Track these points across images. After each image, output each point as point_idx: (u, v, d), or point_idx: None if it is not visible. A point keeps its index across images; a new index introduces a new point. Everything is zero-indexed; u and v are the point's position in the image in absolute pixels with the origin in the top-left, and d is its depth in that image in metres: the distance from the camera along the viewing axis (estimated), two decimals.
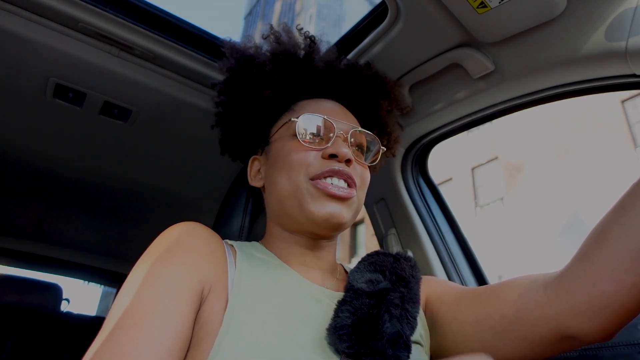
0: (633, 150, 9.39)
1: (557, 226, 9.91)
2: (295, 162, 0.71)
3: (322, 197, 0.69)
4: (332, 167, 0.69)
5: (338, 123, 0.75)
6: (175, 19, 1.10)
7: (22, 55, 1.08)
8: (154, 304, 0.52)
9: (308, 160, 0.71)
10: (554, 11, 0.80)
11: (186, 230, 0.64)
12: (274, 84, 0.84)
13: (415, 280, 0.72)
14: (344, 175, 0.70)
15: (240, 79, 0.87)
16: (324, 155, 0.71)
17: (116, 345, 0.48)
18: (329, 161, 0.71)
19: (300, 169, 0.71)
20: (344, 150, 0.70)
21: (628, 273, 0.51)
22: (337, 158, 0.71)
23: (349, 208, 0.71)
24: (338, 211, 0.69)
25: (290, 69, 0.85)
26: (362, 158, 0.78)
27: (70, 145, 1.48)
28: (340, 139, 0.73)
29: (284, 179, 0.72)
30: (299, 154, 0.72)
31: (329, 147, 0.72)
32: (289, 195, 0.71)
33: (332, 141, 0.72)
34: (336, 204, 0.69)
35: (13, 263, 2.45)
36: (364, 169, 0.77)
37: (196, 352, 0.53)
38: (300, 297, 0.64)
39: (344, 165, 0.71)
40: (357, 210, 0.75)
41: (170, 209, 1.93)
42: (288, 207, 0.72)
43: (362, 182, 0.75)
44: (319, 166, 0.70)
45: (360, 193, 0.75)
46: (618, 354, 0.76)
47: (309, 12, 45.73)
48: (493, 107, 1.06)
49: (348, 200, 0.70)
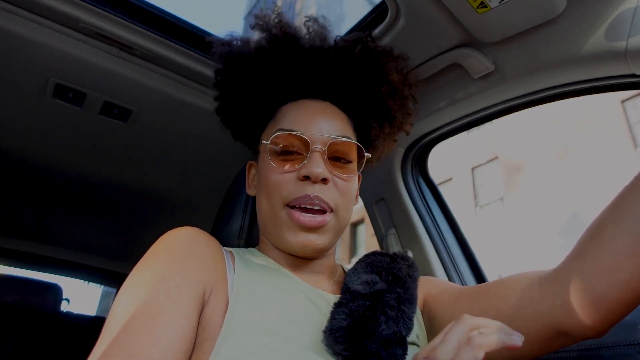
0: (633, 150, 9.39)
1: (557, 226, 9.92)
2: (272, 186, 0.70)
3: (295, 227, 0.68)
4: (306, 192, 0.67)
5: (315, 136, 0.71)
6: (175, 19, 1.10)
7: (22, 55, 1.08)
8: (159, 305, 0.52)
9: (283, 184, 0.69)
10: (554, 11, 0.80)
11: (186, 234, 0.64)
12: (256, 92, 0.81)
13: (412, 280, 0.72)
14: (315, 203, 0.68)
15: (225, 85, 0.85)
16: (299, 176, 0.69)
17: (122, 346, 0.48)
18: (304, 184, 0.68)
19: (276, 194, 0.70)
20: (317, 171, 0.67)
21: (622, 270, 0.52)
22: (311, 179, 0.68)
23: (324, 234, 0.70)
24: (313, 239, 0.68)
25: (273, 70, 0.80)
26: (345, 169, 0.74)
27: (70, 145, 1.48)
28: (318, 153, 0.70)
29: (265, 202, 0.72)
30: (275, 177, 0.70)
31: (303, 166, 0.69)
32: (269, 219, 0.72)
33: (307, 157, 0.69)
34: (309, 233, 0.68)
35: (13, 263, 2.45)
36: (345, 182, 0.73)
37: (198, 354, 0.53)
38: (298, 300, 0.64)
39: (319, 186, 0.69)
40: (337, 229, 0.73)
41: (170, 208, 1.93)
42: (269, 229, 0.73)
43: (344, 197, 0.72)
44: (294, 191, 0.69)
45: (342, 211, 0.72)
46: (618, 354, 0.76)
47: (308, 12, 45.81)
48: (493, 107, 1.06)
49: (322, 227, 0.69)
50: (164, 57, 1.12)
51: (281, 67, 0.80)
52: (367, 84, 0.81)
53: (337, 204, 0.71)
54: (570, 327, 0.57)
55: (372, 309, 0.61)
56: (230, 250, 0.72)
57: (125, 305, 0.53)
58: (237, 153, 1.29)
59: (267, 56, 0.80)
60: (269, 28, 0.81)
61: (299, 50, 0.80)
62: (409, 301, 0.67)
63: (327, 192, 0.69)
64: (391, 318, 0.60)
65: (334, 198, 0.70)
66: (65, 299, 2.31)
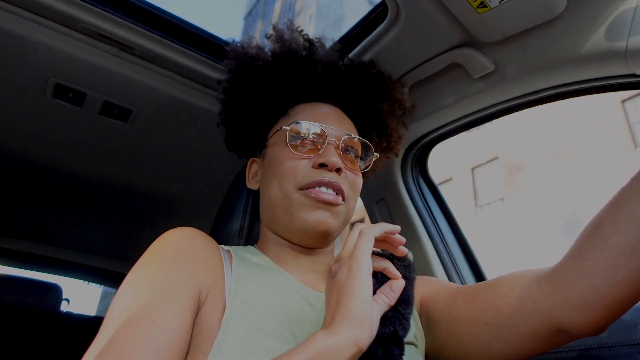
0: (633, 150, 9.39)
1: (557, 226, 9.92)
2: (286, 170, 0.72)
3: (313, 204, 0.70)
4: (322, 177, 0.71)
5: (330, 130, 0.75)
6: (175, 19, 1.10)
7: (22, 55, 1.08)
8: (151, 307, 0.52)
9: (298, 169, 0.72)
10: (554, 11, 0.80)
11: (183, 235, 0.64)
12: (271, 88, 0.85)
13: (408, 281, 0.72)
14: (332, 186, 0.71)
15: (239, 82, 0.88)
16: (314, 164, 0.72)
17: (114, 347, 0.48)
18: (319, 170, 0.72)
19: (291, 178, 0.72)
20: (334, 159, 0.71)
21: (620, 268, 0.52)
22: (327, 167, 0.72)
23: (337, 216, 0.72)
24: (326, 218, 0.70)
25: (289, 72, 0.86)
26: (355, 164, 0.79)
27: (70, 145, 1.48)
28: (332, 146, 0.74)
29: (276, 187, 0.74)
30: (290, 163, 0.73)
31: (319, 155, 0.73)
32: (280, 203, 0.73)
33: (323, 149, 0.73)
34: (324, 211, 0.70)
35: (13, 263, 2.44)
36: (355, 176, 0.77)
37: (195, 355, 0.54)
38: (295, 301, 0.65)
39: (334, 174, 0.72)
40: (346, 219, 0.76)
41: (170, 208, 1.93)
42: (279, 214, 0.74)
43: (353, 190, 0.76)
44: (309, 176, 0.71)
45: (351, 202, 0.76)
46: (618, 354, 0.76)
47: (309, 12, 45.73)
48: (493, 107, 1.06)
49: (336, 207, 0.71)
50: (164, 57, 1.12)
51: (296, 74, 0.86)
52: (372, 98, 0.90)
53: (348, 194, 0.74)
54: (569, 325, 0.57)
55: None
56: (228, 250, 0.72)
57: (119, 306, 0.53)
58: None
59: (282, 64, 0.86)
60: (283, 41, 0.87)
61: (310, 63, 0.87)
62: (406, 302, 0.67)
63: (341, 180, 0.73)
64: (388, 318, 0.61)
65: (347, 189, 0.74)
66: (65, 299, 2.31)
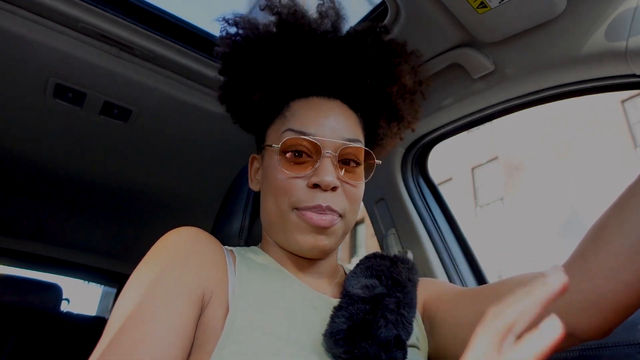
0: (633, 150, 9.38)
1: (557, 226, 9.91)
2: (280, 189, 0.69)
3: (306, 228, 0.68)
4: (318, 202, 0.67)
5: (326, 141, 0.69)
6: (175, 19, 1.10)
7: (22, 55, 1.08)
8: (155, 306, 0.53)
9: (292, 189, 0.69)
10: (554, 11, 0.80)
11: (187, 235, 0.64)
12: (264, 86, 0.79)
13: (412, 284, 0.72)
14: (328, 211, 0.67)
15: (229, 75, 0.83)
16: (309, 184, 0.68)
17: (117, 348, 0.49)
18: (314, 191, 0.68)
19: (285, 197, 0.69)
20: (328, 179, 0.66)
21: (624, 270, 0.52)
22: (321, 187, 0.68)
23: (333, 235, 0.70)
24: (321, 240, 0.68)
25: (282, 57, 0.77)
26: (354, 174, 0.73)
27: (70, 145, 1.48)
28: (328, 159, 0.68)
29: (272, 203, 0.71)
30: (283, 182, 0.69)
31: (314, 172, 0.68)
32: (276, 220, 0.71)
33: (318, 163, 0.69)
34: (318, 234, 0.68)
35: (13, 263, 2.45)
36: (355, 188, 0.72)
37: (199, 356, 0.54)
38: (298, 303, 0.64)
39: (329, 194, 0.68)
40: (343, 232, 0.73)
41: (170, 208, 1.94)
42: (276, 230, 0.72)
43: (352, 203, 0.72)
44: (303, 197, 0.68)
45: (349, 215, 0.72)
46: (618, 354, 0.76)
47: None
48: (493, 107, 1.06)
49: (331, 228, 0.69)
50: (164, 57, 1.12)
51: (291, 56, 0.77)
52: (378, 83, 0.80)
53: (345, 209, 0.71)
54: (574, 328, 0.56)
55: (372, 313, 0.61)
56: (231, 250, 0.72)
57: (123, 307, 0.54)
58: (237, 153, 1.29)
59: (276, 43, 0.78)
60: (279, 11, 0.78)
61: (310, 38, 0.78)
62: (409, 305, 0.67)
63: (337, 199, 0.69)
64: (390, 322, 0.61)
65: (343, 205, 0.70)
66: (65, 299, 2.31)
